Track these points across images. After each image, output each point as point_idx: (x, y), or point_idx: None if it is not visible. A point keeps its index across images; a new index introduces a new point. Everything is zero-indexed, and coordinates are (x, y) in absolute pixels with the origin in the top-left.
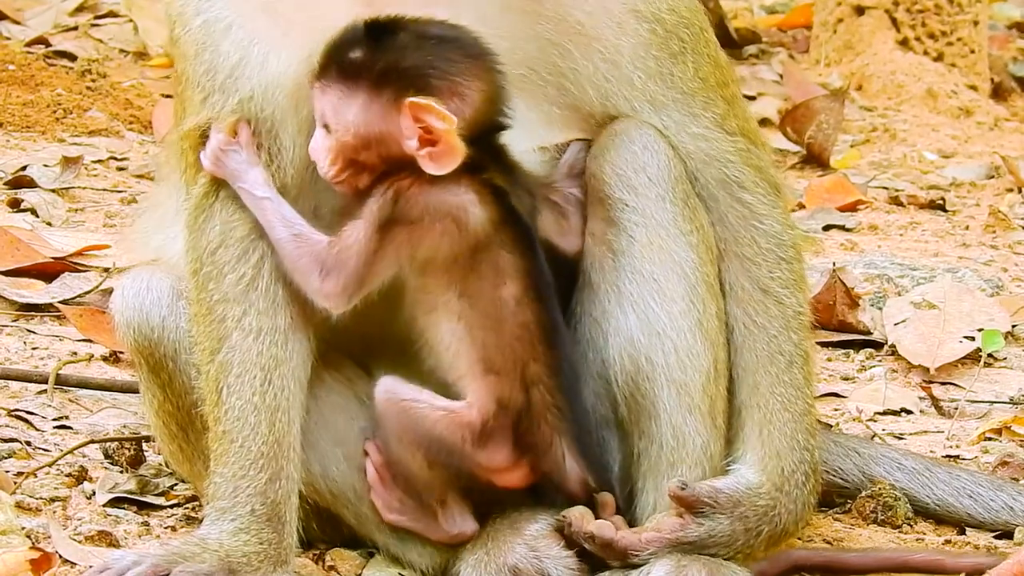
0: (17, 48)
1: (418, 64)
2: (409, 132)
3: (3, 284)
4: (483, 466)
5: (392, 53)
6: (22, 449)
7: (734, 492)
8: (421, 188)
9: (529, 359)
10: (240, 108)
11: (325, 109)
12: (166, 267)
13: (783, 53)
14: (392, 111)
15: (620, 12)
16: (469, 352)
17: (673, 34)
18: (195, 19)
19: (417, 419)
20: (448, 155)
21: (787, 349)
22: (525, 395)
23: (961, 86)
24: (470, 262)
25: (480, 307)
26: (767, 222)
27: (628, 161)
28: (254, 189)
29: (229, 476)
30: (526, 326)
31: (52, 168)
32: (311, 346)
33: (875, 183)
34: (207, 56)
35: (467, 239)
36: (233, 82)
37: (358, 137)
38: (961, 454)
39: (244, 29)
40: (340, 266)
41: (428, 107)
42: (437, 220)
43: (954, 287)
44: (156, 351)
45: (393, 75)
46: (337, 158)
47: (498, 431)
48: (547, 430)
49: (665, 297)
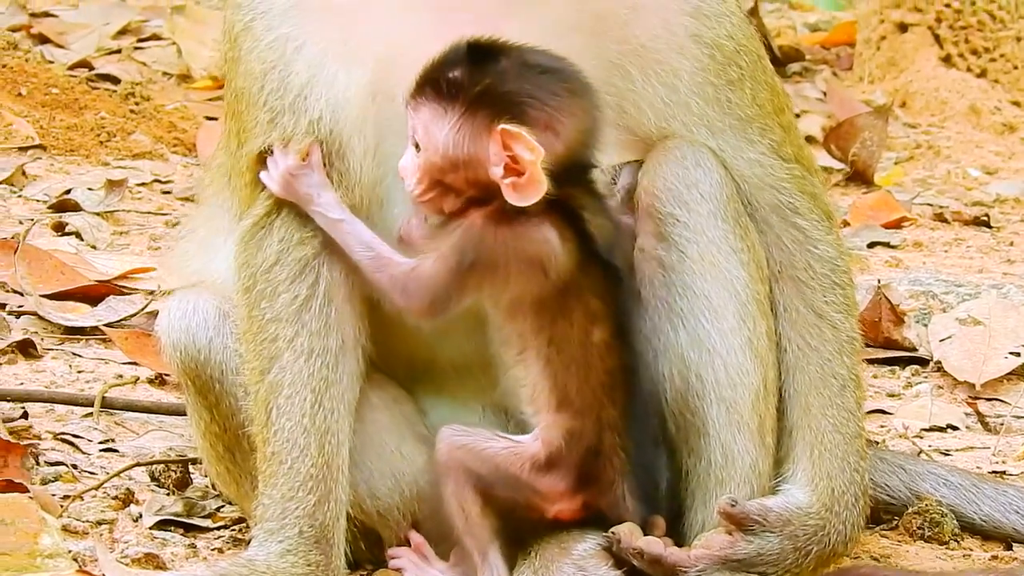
0: (60, 71)
1: (517, 91)
2: (496, 159)
3: (49, 308)
4: (540, 493)
5: (492, 77)
6: (68, 472)
7: (784, 511)
8: (503, 228)
9: (608, 404)
10: (310, 129)
11: (417, 127)
12: (211, 289)
13: (827, 71)
14: (483, 135)
15: (682, 36)
16: (549, 392)
17: (732, 61)
18: (266, 35)
19: (480, 453)
20: (531, 187)
21: (840, 373)
22: (597, 437)
23: (1004, 102)
24: (559, 305)
25: (569, 352)
26: (821, 247)
27: (680, 176)
28: (328, 211)
29: (278, 498)
30: (611, 372)
31: (96, 191)
32: (360, 368)
33: (919, 200)
34: (276, 74)
35: (552, 281)
36: (303, 102)
37: (446, 158)
38: (1007, 470)
39: (317, 47)
40: (419, 291)
41: (518, 136)
42: (518, 263)
43: (999, 303)
44: (203, 372)
45: (489, 99)
46: (424, 177)
47: (562, 463)
48: (611, 471)
49: (716, 314)
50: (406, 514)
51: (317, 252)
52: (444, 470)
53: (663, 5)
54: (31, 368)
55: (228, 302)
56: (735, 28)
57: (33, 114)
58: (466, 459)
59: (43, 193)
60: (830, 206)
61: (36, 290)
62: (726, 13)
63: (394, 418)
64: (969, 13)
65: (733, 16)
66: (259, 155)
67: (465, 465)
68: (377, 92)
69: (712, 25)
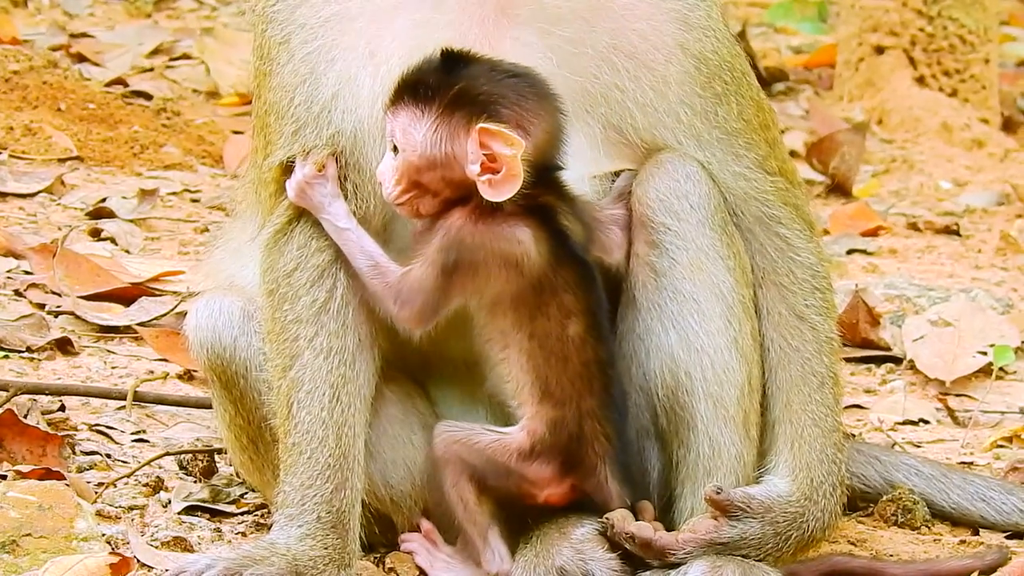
0: (97, 88)
1: (489, 92)
2: (473, 157)
3: (85, 308)
4: (529, 480)
5: (465, 80)
6: (102, 461)
7: (766, 499)
8: (479, 229)
9: (586, 393)
10: (331, 141)
11: (395, 130)
12: (238, 291)
13: (809, 90)
14: (460, 134)
15: (670, 44)
16: (532, 384)
17: (717, 75)
18: (301, 49)
19: (472, 446)
20: (508, 183)
21: (819, 371)
22: (578, 425)
23: (974, 120)
24: (536, 302)
25: (548, 346)
26: (803, 254)
27: (671, 188)
28: (337, 220)
29: (297, 485)
30: (587, 364)
31: (130, 200)
32: (376, 366)
33: (894, 210)
34: (307, 87)
35: (528, 279)
36: (327, 115)
37: (423, 158)
38: (975, 461)
39: (346, 63)
40: (410, 298)
41: (496, 133)
42: (496, 261)
43: (968, 306)
44: (228, 369)
45: (464, 100)
46: (401, 178)
47: (546, 452)
48: (593, 456)
49: (704, 316)
50: (417, 501)
51: (334, 259)
52: (441, 464)
53: (652, 10)
54: (68, 364)
55: (252, 304)
56: (720, 44)
57: (71, 128)
58: (460, 452)
59: (80, 201)
60: (812, 216)
61: (73, 291)
62: (712, 28)
63: (406, 410)
64: (941, 37)
65: (719, 32)
66: (282, 166)
67: (460, 458)
68: None
69: (699, 37)
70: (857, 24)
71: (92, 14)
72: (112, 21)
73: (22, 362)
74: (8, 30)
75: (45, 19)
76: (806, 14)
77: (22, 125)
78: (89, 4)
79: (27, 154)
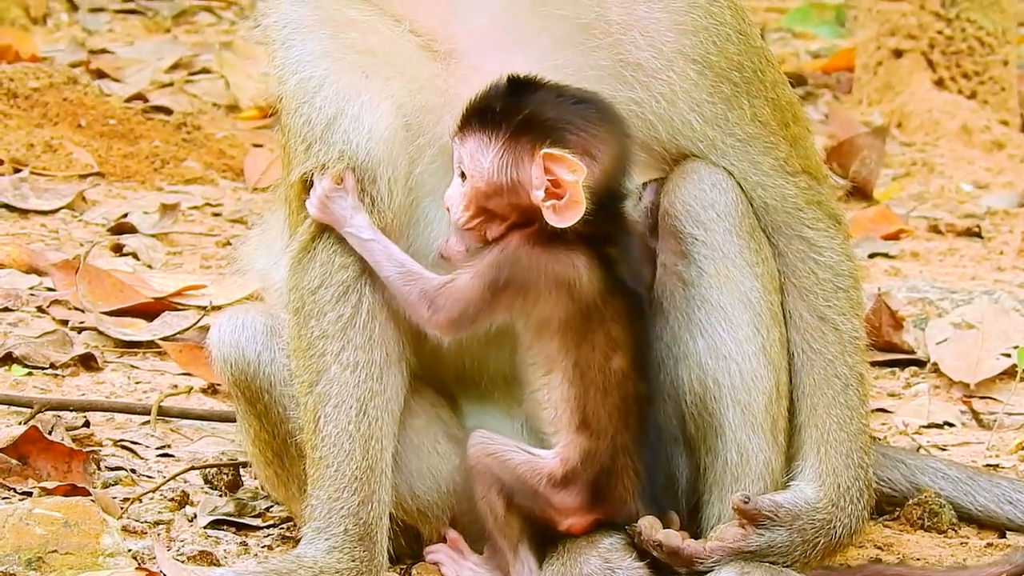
0: (117, 104)
1: (556, 118)
2: (538, 182)
3: (108, 323)
4: (555, 506)
5: (531, 106)
6: (128, 476)
7: (793, 506)
8: (535, 251)
9: (622, 428)
10: (342, 156)
11: (463, 157)
12: (260, 306)
13: (828, 94)
14: (525, 160)
15: (670, 52)
16: (570, 413)
17: (724, 78)
18: (292, 78)
19: (504, 462)
20: (571, 209)
21: (843, 372)
22: (610, 459)
23: (993, 122)
24: (583, 330)
25: (590, 376)
26: (826, 254)
27: (697, 198)
28: (360, 232)
29: (324, 499)
30: (626, 398)
31: (151, 215)
32: (404, 379)
33: (916, 213)
34: (305, 110)
35: (577, 306)
36: (331, 134)
37: (491, 184)
38: (1000, 463)
39: (337, 85)
40: (448, 305)
41: (560, 158)
42: (547, 284)
43: (991, 308)
44: (252, 384)
45: (530, 126)
46: (470, 204)
47: (576, 481)
48: (622, 491)
49: (731, 324)
50: (444, 511)
51: (359, 274)
52: (474, 473)
53: (647, 19)
54: (92, 380)
55: (275, 318)
56: (726, 43)
57: (92, 144)
58: (492, 465)
59: (102, 217)
60: (838, 210)
61: (96, 307)
62: (711, 27)
63: (431, 421)
64: (960, 39)
65: (722, 30)
66: (302, 182)
67: (491, 471)
68: (409, 122)
69: (700, 40)
70: (875, 28)
71: (111, 30)
72: (131, 36)
73: (46, 379)
74: (28, 47)
75: (64, 36)
76: (824, 18)
77: (43, 142)
78: (108, 20)
79: (48, 171)
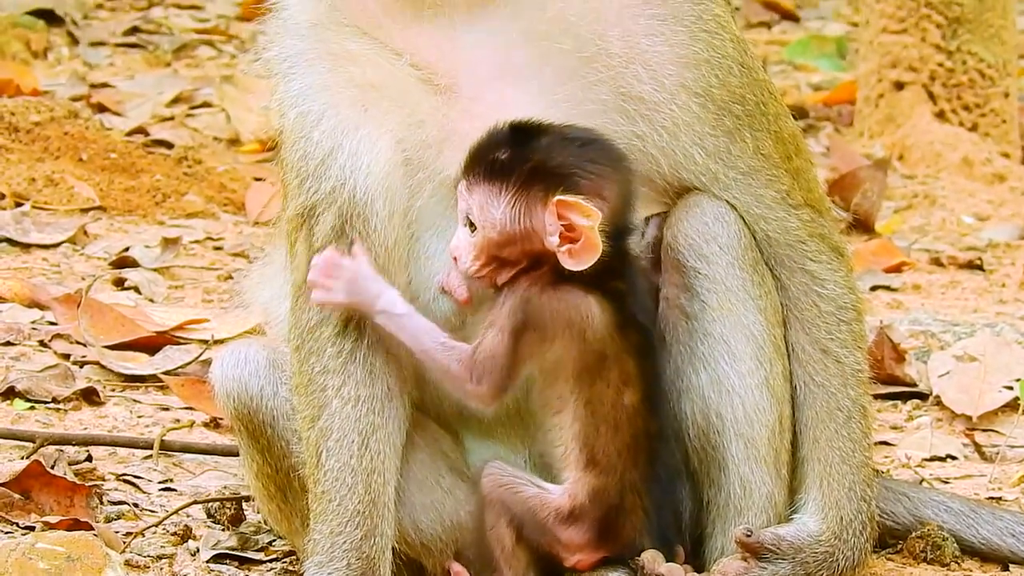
0: (118, 138)
1: (564, 164)
2: (552, 229)
3: (110, 357)
4: (562, 542)
5: (539, 153)
6: (130, 511)
7: (796, 539)
8: (545, 294)
9: (631, 465)
10: (333, 193)
11: (472, 207)
12: (263, 339)
13: (829, 127)
14: (538, 208)
15: (672, 85)
16: (579, 451)
17: (726, 110)
18: (291, 112)
19: (515, 495)
20: (587, 252)
21: (845, 405)
22: (619, 496)
23: (994, 154)
24: (596, 368)
25: (601, 413)
26: (828, 286)
27: (700, 231)
28: (394, 308)
29: (327, 533)
30: (636, 435)
31: (153, 249)
32: (406, 413)
33: (917, 246)
34: (302, 144)
35: (590, 346)
36: (325, 169)
37: (503, 234)
38: (1003, 496)
39: (335, 120)
40: (488, 371)
41: (574, 204)
42: (561, 327)
43: (993, 341)
44: (255, 418)
45: (540, 174)
46: (481, 254)
47: (584, 518)
48: (631, 529)
49: (734, 357)
50: (447, 544)
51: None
52: (486, 502)
53: (649, 52)
54: (94, 414)
55: (277, 352)
56: (728, 76)
57: (93, 178)
58: (504, 496)
59: (104, 251)
60: (839, 242)
61: (98, 341)
62: (713, 60)
63: (434, 455)
64: (961, 72)
65: (723, 61)
66: (299, 217)
67: (503, 502)
68: (409, 156)
69: (702, 74)
70: (876, 60)
71: (112, 64)
72: (132, 71)
73: (48, 413)
74: (28, 81)
75: (65, 70)
76: (825, 51)
77: (44, 176)
78: (109, 54)
79: (50, 205)
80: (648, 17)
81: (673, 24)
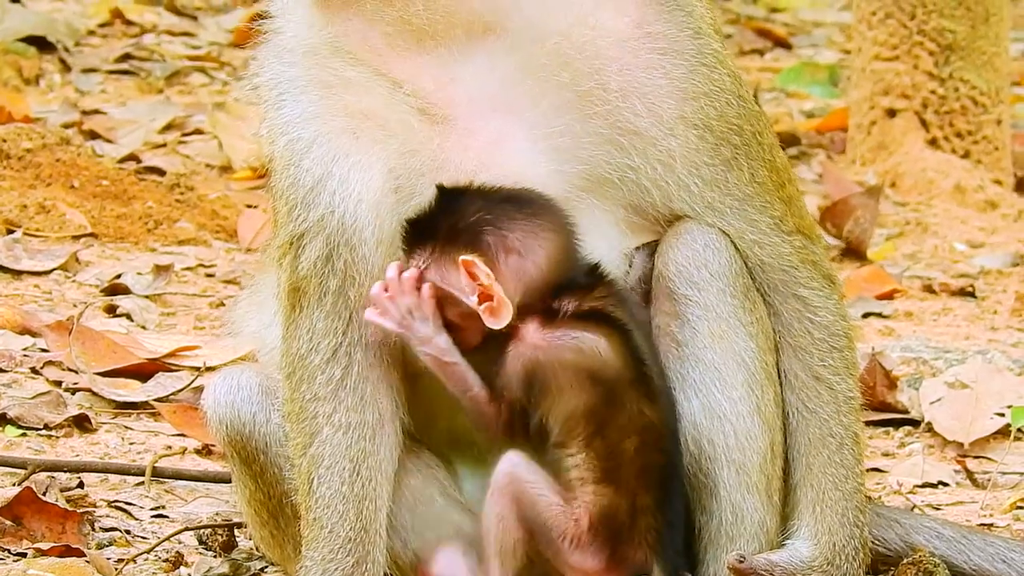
0: (110, 164)
1: (475, 223)
2: (469, 288)
3: (102, 384)
4: (569, 564)
5: (455, 215)
6: (122, 537)
7: (789, 565)
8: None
9: (642, 491)
10: (322, 221)
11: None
12: (255, 366)
13: (821, 154)
14: (452, 270)
15: (670, 118)
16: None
17: (724, 140)
18: (281, 139)
19: (532, 495)
20: (501, 309)
21: (838, 432)
22: (631, 519)
23: (987, 181)
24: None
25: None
26: (821, 314)
27: (690, 259)
28: (443, 356)
29: (318, 560)
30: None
31: (145, 276)
32: (398, 439)
33: (909, 273)
34: (292, 171)
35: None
36: (315, 197)
37: (439, 297)
38: (995, 522)
39: (325, 147)
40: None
41: (471, 263)
42: (571, 375)
43: (985, 368)
44: (247, 445)
45: (452, 235)
46: (433, 319)
47: (599, 539)
48: (641, 554)
49: (726, 384)
50: None
51: (345, 337)
52: (499, 491)
53: (648, 85)
54: (86, 441)
55: (269, 379)
56: (726, 107)
57: (85, 204)
58: (519, 494)
59: (95, 278)
60: (831, 270)
61: (90, 368)
62: (711, 92)
63: (427, 481)
64: (953, 99)
65: (722, 94)
66: (289, 246)
67: (517, 498)
68: (401, 184)
69: (701, 106)
70: (868, 87)
71: (104, 91)
72: (124, 97)
73: (40, 439)
74: (20, 108)
75: (57, 97)
76: (817, 78)
77: (36, 203)
78: (101, 81)
79: (41, 232)
80: (648, 51)
81: (673, 58)
